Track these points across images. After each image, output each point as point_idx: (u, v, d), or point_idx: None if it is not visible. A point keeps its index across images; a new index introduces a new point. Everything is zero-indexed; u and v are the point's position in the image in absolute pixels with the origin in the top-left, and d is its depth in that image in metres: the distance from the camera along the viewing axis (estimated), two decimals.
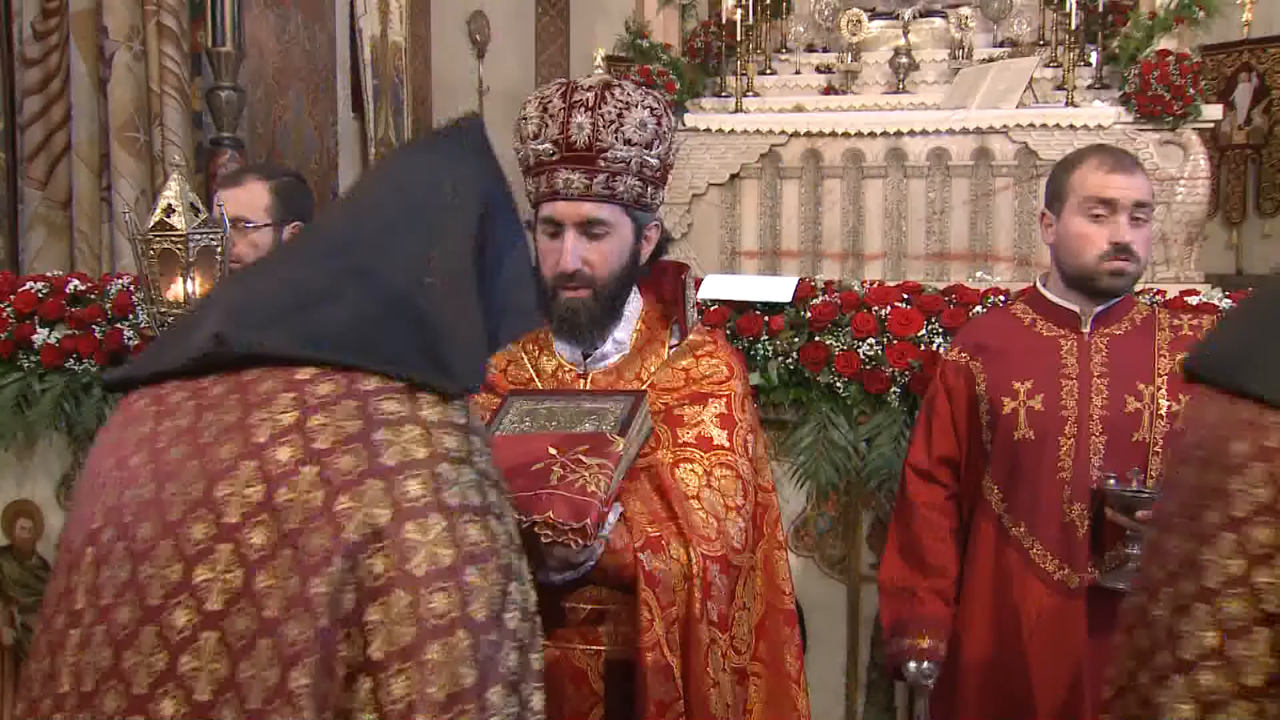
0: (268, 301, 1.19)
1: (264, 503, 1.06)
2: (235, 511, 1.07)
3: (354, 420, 1.10)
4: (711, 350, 2.00)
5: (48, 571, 3.65)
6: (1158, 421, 2.34)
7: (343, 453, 1.08)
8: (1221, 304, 2.87)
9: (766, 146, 5.46)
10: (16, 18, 4.83)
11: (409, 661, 1.04)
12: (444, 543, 1.07)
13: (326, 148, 5.96)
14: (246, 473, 1.08)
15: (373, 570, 1.05)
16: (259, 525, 1.06)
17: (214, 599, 1.05)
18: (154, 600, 1.07)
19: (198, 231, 2.33)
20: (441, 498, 1.09)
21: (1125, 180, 2.35)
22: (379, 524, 1.06)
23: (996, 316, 2.64)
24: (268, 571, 1.05)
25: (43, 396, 3.48)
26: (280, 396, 1.11)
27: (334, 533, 1.05)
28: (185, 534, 1.07)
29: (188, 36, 4.80)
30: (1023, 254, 5.21)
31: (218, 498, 1.07)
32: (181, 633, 1.05)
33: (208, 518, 1.07)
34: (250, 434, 1.10)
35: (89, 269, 4.70)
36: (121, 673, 1.07)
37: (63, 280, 3.59)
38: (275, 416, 1.10)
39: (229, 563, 1.05)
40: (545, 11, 8.23)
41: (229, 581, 1.05)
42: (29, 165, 4.85)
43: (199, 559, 1.06)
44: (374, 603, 1.05)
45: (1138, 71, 5.10)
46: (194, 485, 1.09)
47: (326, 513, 1.06)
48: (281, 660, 1.03)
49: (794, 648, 2.03)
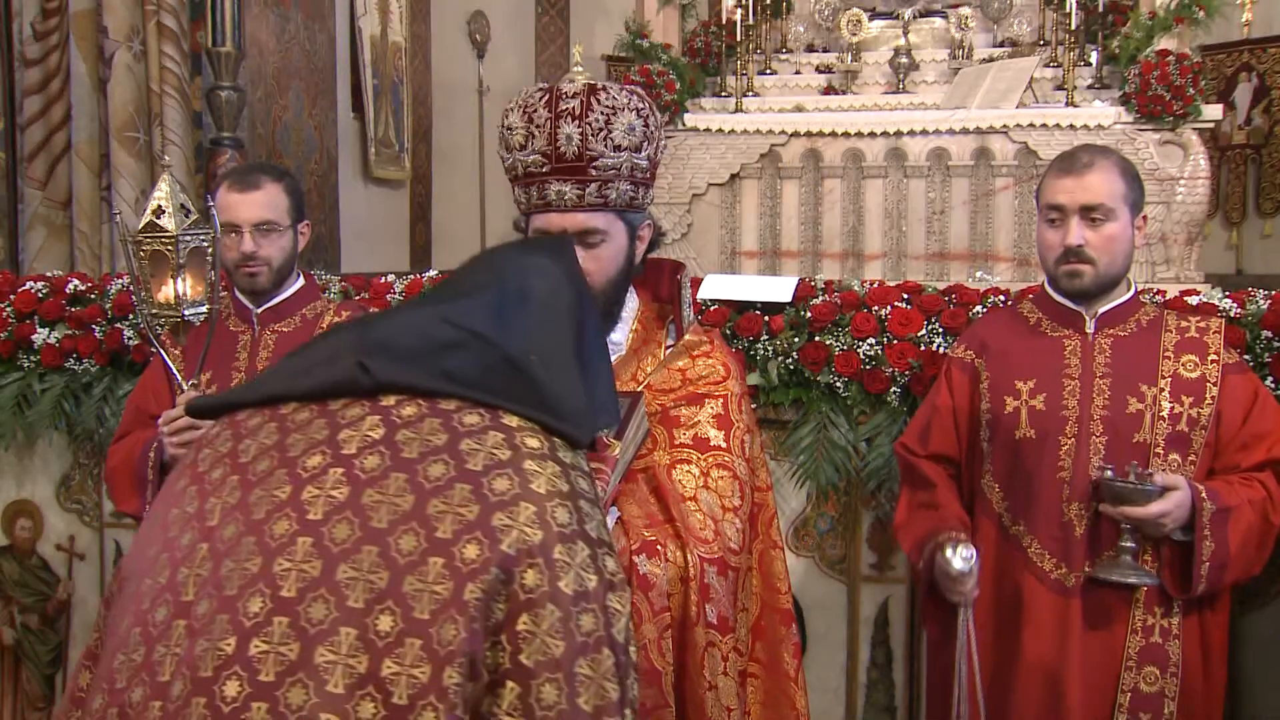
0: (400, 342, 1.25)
1: (413, 511, 1.12)
2: (384, 517, 1.12)
3: (504, 449, 1.18)
4: (708, 350, 1.99)
5: (47, 571, 3.65)
6: (1159, 423, 2.34)
7: (496, 475, 1.15)
8: (1221, 304, 2.86)
9: (766, 146, 5.46)
10: (16, 18, 4.83)
11: (559, 672, 1.10)
12: (589, 568, 1.15)
13: (326, 148, 5.96)
14: (397, 483, 1.13)
15: (525, 583, 1.11)
16: (408, 532, 1.11)
17: (355, 598, 1.08)
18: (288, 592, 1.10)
19: (187, 233, 2.32)
20: (585, 529, 1.17)
21: (1073, 183, 2.34)
22: (532, 542, 1.12)
23: (1003, 315, 2.64)
24: (416, 575, 1.09)
25: (43, 396, 3.48)
26: (427, 420, 1.18)
27: (491, 544, 1.11)
28: (330, 533, 1.12)
29: (188, 36, 4.80)
30: (1023, 254, 5.21)
31: (366, 503, 1.13)
32: (318, 626, 1.08)
33: (353, 520, 1.12)
34: (398, 450, 1.16)
35: (89, 269, 4.70)
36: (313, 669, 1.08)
37: (63, 280, 3.59)
38: (424, 437, 1.17)
39: (373, 565, 1.10)
40: (545, 11, 8.23)
41: (374, 582, 1.09)
42: (29, 165, 4.85)
43: (343, 557, 1.11)
44: (525, 613, 1.11)
45: (1138, 71, 5.10)
46: (339, 490, 1.14)
47: (483, 526, 1.12)
48: (433, 659, 1.06)
49: (791, 647, 2.02)
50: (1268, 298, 2.87)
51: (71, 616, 3.65)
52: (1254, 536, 2.30)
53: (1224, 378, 2.35)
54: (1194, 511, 2.25)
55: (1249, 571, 2.36)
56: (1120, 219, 2.35)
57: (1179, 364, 2.37)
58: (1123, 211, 2.35)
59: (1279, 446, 2.35)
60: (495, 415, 1.20)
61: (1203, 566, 2.25)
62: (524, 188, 1.89)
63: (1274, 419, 2.37)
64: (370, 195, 6.86)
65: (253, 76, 5.11)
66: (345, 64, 6.41)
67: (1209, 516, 2.24)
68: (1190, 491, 2.25)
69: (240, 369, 2.65)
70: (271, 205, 2.64)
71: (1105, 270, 2.37)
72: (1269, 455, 2.34)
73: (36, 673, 3.67)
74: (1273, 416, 2.38)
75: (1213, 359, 2.37)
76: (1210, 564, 2.26)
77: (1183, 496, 2.25)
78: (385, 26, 6.94)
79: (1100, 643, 2.34)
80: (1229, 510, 2.26)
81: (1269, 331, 2.78)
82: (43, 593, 3.65)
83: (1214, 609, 2.38)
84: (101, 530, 3.60)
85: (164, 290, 2.34)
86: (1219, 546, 2.25)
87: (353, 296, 3.41)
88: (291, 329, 2.70)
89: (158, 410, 2.54)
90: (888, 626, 3.07)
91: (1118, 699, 2.33)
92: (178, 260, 2.31)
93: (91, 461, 3.60)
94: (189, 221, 2.34)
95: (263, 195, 2.63)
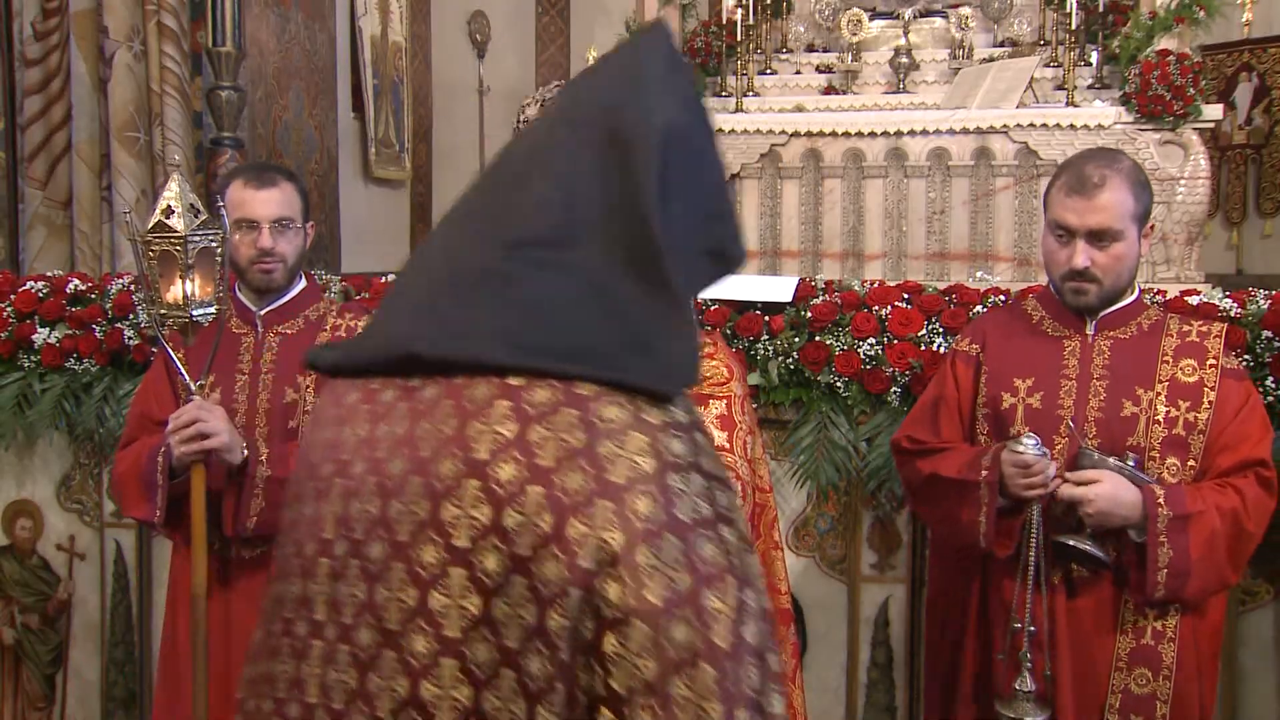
0: (454, 301, 1.10)
1: (492, 526, 1.02)
2: (464, 535, 1.02)
3: (575, 432, 1.04)
4: (711, 352, 2.00)
5: (47, 571, 3.65)
6: (1154, 427, 2.33)
7: (568, 470, 1.02)
8: (1222, 304, 2.87)
9: (766, 146, 5.45)
10: (16, 18, 4.83)
11: (653, 697, 0.99)
12: (679, 566, 1.02)
13: (326, 148, 5.96)
14: (471, 493, 1.03)
15: (608, 598, 1.00)
16: (490, 550, 1.02)
17: (451, 626, 1.02)
18: (392, 624, 1.04)
19: (197, 233, 2.33)
20: (673, 514, 1.03)
21: (1082, 205, 2.32)
22: (612, 549, 1.00)
23: (1008, 311, 2.64)
24: (503, 598, 1.01)
25: (43, 396, 3.48)
26: (496, 404, 1.05)
27: (568, 560, 1.00)
28: (416, 556, 1.04)
29: (188, 36, 4.80)
30: (1023, 254, 5.21)
31: (445, 520, 1.03)
32: (421, 659, 1.02)
33: (437, 540, 1.03)
34: (470, 448, 1.04)
35: (89, 269, 4.70)
36: (367, 694, 1.06)
37: (63, 280, 3.59)
38: (494, 428, 1.04)
39: (464, 588, 1.02)
40: (545, 11, 8.23)
41: (467, 608, 1.02)
42: (29, 165, 4.85)
43: (432, 583, 1.03)
44: (612, 632, 1.00)
45: (1138, 71, 5.10)
46: (419, 504, 1.05)
47: (558, 538, 1.00)
48: (526, 695, 1.00)
49: (789, 646, 2.03)
50: (1268, 298, 2.87)
51: (71, 616, 3.65)
52: (1220, 545, 2.25)
53: (1221, 382, 2.35)
54: (1146, 516, 2.23)
55: (1223, 582, 2.32)
56: (1128, 237, 2.34)
57: (1177, 368, 2.37)
58: (1131, 229, 2.34)
59: (1259, 448, 2.33)
60: (568, 385, 1.05)
61: (1159, 573, 2.22)
62: None
63: (1259, 424, 2.36)
64: (370, 195, 6.86)
65: (253, 76, 5.11)
66: (345, 64, 6.41)
67: (1165, 523, 2.22)
68: (1144, 494, 2.24)
69: (244, 371, 2.65)
70: (287, 203, 2.66)
71: (1111, 286, 2.38)
72: (1248, 455, 2.31)
73: (36, 673, 3.67)
74: (1258, 422, 2.36)
75: (1211, 364, 2.36)
76: (1168, 571, 2.22)
77: (1109, 490, 2.23)
78: (385, 26, 6.94)
79: (1090, 643, 2.34)
80: (1189, 517, 2.23)
81: (1269, 331, 2.78)
82: (43, 593, 3.65)
83: (1205, 613, 2.37)
84: (101, 530, 3.60)
85: (172, 290, 2.34)
86: (1177, 554, 2.22)
87: (353, 296, 3.41)
88: (295, 331, 2.70)
89: (162, 414, 2.53)
90: (888, 626, 3.07)
91: (1108, 700, 2.33)
92: (186, 260, 2.31)
93: (92, 461, 3.60)
94: (198, 222, 2.34)
95: (279, 193, 2.64)
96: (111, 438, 3.39)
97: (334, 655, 1.08)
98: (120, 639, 3.58)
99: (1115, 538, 2.30)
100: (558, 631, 0.99)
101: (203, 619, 2.39)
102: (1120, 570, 2.31)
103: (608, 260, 1.08)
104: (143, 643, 3.57)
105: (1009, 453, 2.27)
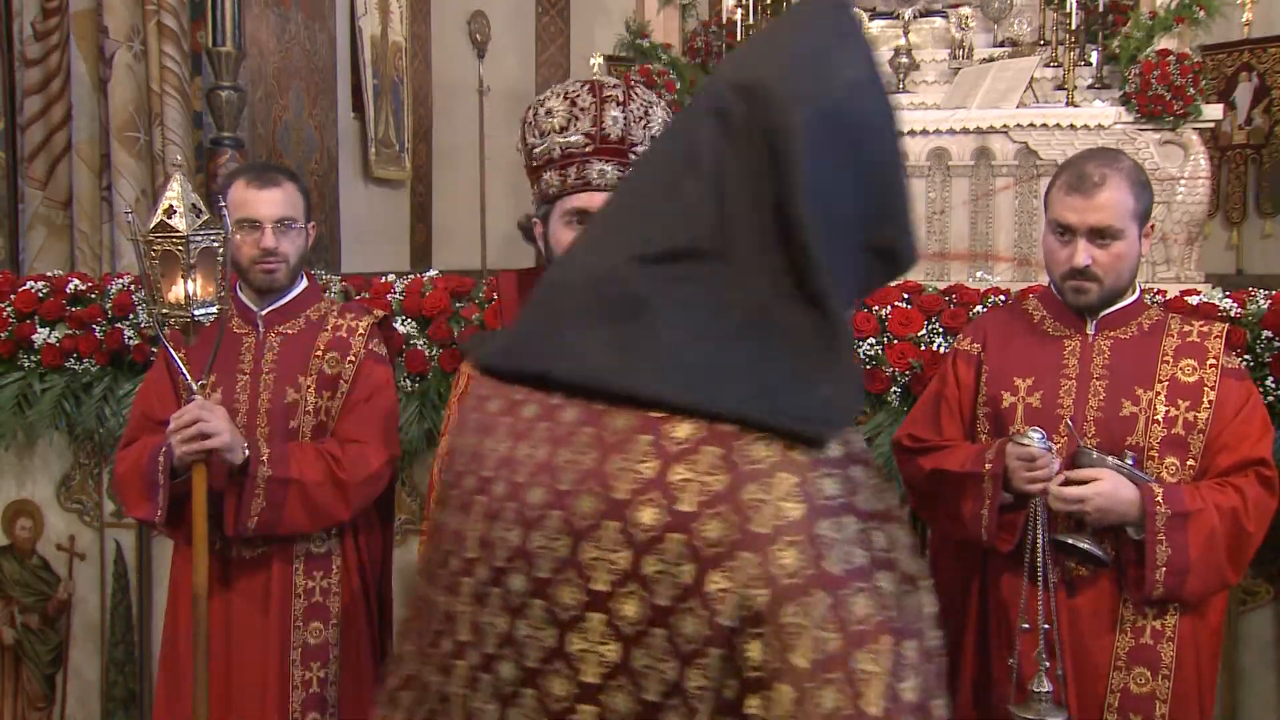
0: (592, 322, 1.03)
1: (632, 572, 0.96)
2: (603, 579, 0.97)
3: (718, 475, 0.96)
4: None
5: (47, 571, 3.65)
6: (1154, 427, 2.33)
7: (709, 517, 0.95)
8: (1222, 304, 2.87)
9: None
10: (16, 18, 4.83)
11: None
12: (829, 625, 0.93)
13: (326, 148, 5.95)
14: (610, 535, 0.98)
15: (750, 659, 0.93)
16: (629, 596, 0.96)
17: (589, 671, 0.98)
18: (531, 662, 1.01)
19: (199, 233, 2.33)
20: (823, 568, 0.94)
21: (1082, 204, 2.32)
22: (756, 607, 0.93)
23: (1009, 311, 2.64)
24: (643, 649, 0.96)
25: (43, 396, 3.48)
26: (637, 439, 0.99)
27: (709, 616, 0.94)
28: (555, 595, 1.00)
29: (188, 36, 4.79)
30: (1023, 254, 5.21)
31: (583, 561, 0.98)
32: (560, 702, 0.99)
33: (576, 581, 0.99)
34: (610, 487, 0.98)
35: (89, 269, 4.70)
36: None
37: (63, 280, 3.59)
38: (634, 466, 0.98)
39: (603, 634, 0.97)
40: (545, 11, 8.23)
41: (605, 655, 0.97)
42: (29, 165, 4.85)
43: (571, 626, 0.99)
44: (755, 694, 0.93)
45: (1138, 71, 5.10)
46: (558, 541, 1.00)
47: (698, 593, 0.94)
48: None
49: None
50: (1268, 298, 2.88)
51: (71, 616, 3.65)
52: (1220, 543, 2.25)
53: (1221, 382, 2.35)
54: (1144, 514, 2.23)
55: (1223, 581, 2.32)
56: (1128, 236, 2.34)
57: (1177, 368, 2.37)
58: (1131, 228, 2.34)
59: (1259, 447, 2.32)
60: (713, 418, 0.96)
61: (1157, 571, 2.23)
62: (560, 169, 1.93)
63: (1260, 424, 2.36)
64: (370, 195, 6.86)
65: (253, 76, 5.11)
66: (345, 64, 6.41)
67: (1163, 521, 2.22)
68: (1142, 492, 2.24)
69: (245, 371, 2.65)
70: (290, 203, 2.66)
71: (1111, 285, 2.38)
72: (1248, 455, 2.31)
73: (36, 673, 3.67)
74: (1259, 421, 2.36)
75: (1211, 364, 2.36)
76: (1167, 570, 2.22)
77: (1109, 488, 2.23)
78: (385, 26, 6.94)
79: (1089, 642, 2.34)
80: (1188, 515, 2.23)
81: (1269, 331, 2.79)
82: (43, 593, 3.65)
83: (1204, 613, 2.37)
84: (101, 530, 3.60)
85: (174, 290, 2.34)
86: (1176, 552, 2.22)
87: (353, 296, 3.41)
88: (296, 331, 2.70)
89: (163, 414, 2.53)
90: None
91: (1107, 699, 2.33)
92: (188, 260, 2.31)
93: (92, 461, 3.60)
94: (200, 222, 2.34)
95: (282, 193, 2.65)
96: (111, 438, 3.39)
97: (477, 682, 1.06)
98: (120, 639, 3.58)
99: (1114, 536, 2.30)
100: (697, 693, 0.94)
101: (204, 619, 2.39)
102: (1120, 569, 2.31)
103: (757, 276, 0.99)
104: (143, 643, 3.57)
105: (1014, 445, 2.27)
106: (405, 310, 3.29)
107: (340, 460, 2.56)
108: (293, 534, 2.59)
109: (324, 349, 2.67)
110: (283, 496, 2.50)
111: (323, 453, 2.56)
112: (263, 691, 2.61)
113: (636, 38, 5.96)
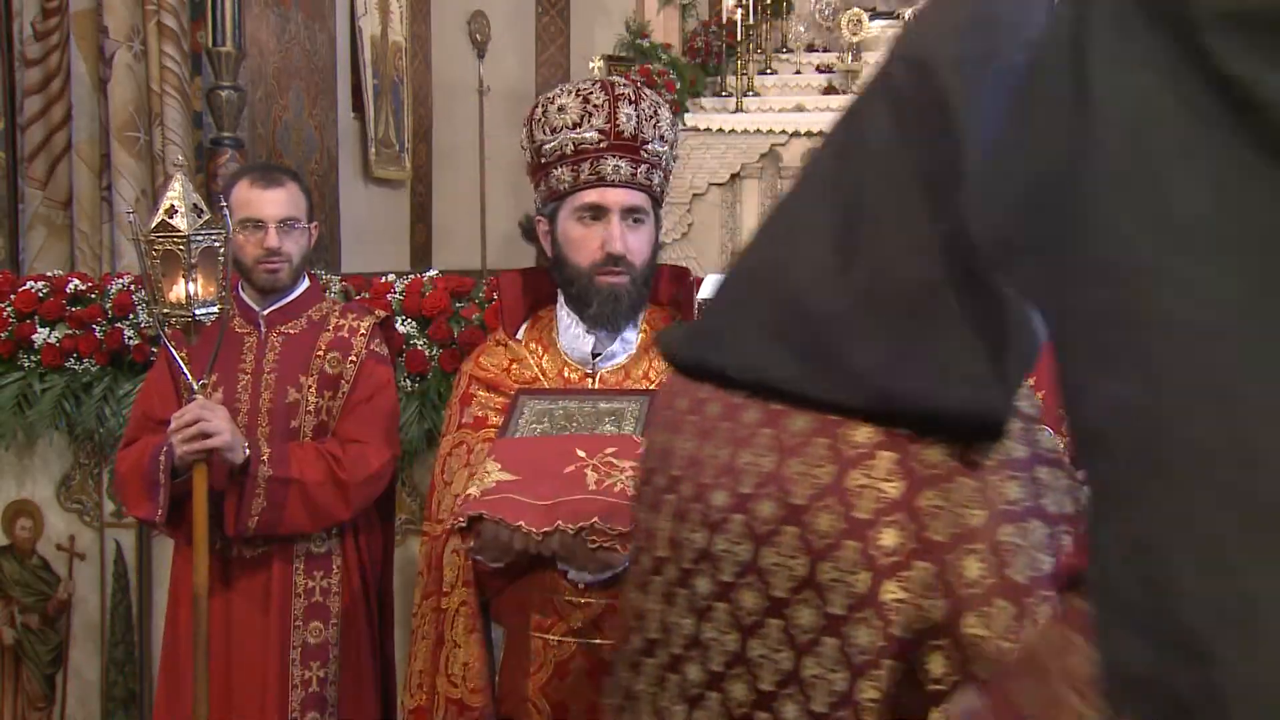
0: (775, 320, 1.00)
1: (808, 579, 0.95)
2: (781, 585, 0.97)
3: (894, 481, 0.92)
4: None
5: (47, 571, 3.64)
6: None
7: (885, 525, 0.92)
8: None
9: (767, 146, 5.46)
10: (16, 18, 4.83)
11: None
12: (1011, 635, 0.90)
13: (326, 148, 5.95)
14: (789, 541, 0.97)
15: (930, 671, 0.92)
16: (803, 604, 0.95)
17: (766, 679, 0.97)
18: (715, 666, 1.02)
19: (200, 232, 2.33)
20: (1006, 575, 0.90)
21: None
22: (932, 618, 0.90)
23: None
24: (813, 658, 0.95)
25: (43, 396, 3.47)
26: (815, 442, 0.96)
27: (883, 626, 0.91)
28: (737, 600, 1.00)
29: (188, 36, 4.79)
30: None
31: (763, 566, 0.98)
32: (741, 707, 1.00)
33: (757, 586, 0.99)
34: (788, 491, 0.97)
35: (89, 269, 4.69)
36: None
37: (63, 280, 3.59)
38: (811, 470, 0.96)
39: (778, 641, 0.97)
40: (545, 11, 8.23)
41: (780, 663, 0.97)
42: (29, 165, 4.85)
43: (752, 631, 0.99)
44: (939, 710, 0.92)
45: None
46: (740, 546, 1.00)
47: (873, 602, 0.92)
48: None
49: None
50: None
51: (71, 616, 3.65)
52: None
53: None
54: None
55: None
56: None
57: None
58: None
59: None
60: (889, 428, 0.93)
61: None
62: (572, 165, 1.94)
63: None
64: (370, 195, 6.86)
65: (253, 76, 5.11)
66: (345, 64, 6.41)
67: None
68: None
69: (246, 370, 2.65)
70: (293, 203, 2.67)
71: None
72: None
73: (36, 673, 3.67)
74: None
75: None
76: None
77: None
78: (385, 26, 6.94)
79: None
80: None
81: None
82: (43, 593, 3.65)
83: None
84: (102, 530, 3.60)
85: (175, 290, 2.34)
86: None
87: (353, 296, 3.41)
88: (298, 331, 2.70)
89: (164, 414, 2.53)
90: None
91: None
92: (190, 260, 2.32)
93: (92, 461, 3.60)
94: (201, 221, 2.34)
95: (285, 193, 2.66)
96: (112, 438, 3.39)
97: (664, 681, 1.07)
98: (120, 639, 3.58)
99: None
100: (869, 705, 0.92)
101: (204, 618, 2.39)
102: None
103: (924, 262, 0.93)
104: (143, 643, 3.56)
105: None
106: (405, 310, 3.29)
107: (341, 460, 2.56)
108: (293, 534, 2.59)
109: (325, 349, 2.67)
110: (283, 496, 2.50)
111: (323, 453, 2.56)
112: (263, 691, 2.61)
113: (636, 38, 5.96)
